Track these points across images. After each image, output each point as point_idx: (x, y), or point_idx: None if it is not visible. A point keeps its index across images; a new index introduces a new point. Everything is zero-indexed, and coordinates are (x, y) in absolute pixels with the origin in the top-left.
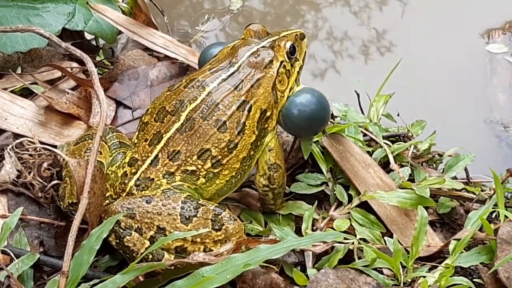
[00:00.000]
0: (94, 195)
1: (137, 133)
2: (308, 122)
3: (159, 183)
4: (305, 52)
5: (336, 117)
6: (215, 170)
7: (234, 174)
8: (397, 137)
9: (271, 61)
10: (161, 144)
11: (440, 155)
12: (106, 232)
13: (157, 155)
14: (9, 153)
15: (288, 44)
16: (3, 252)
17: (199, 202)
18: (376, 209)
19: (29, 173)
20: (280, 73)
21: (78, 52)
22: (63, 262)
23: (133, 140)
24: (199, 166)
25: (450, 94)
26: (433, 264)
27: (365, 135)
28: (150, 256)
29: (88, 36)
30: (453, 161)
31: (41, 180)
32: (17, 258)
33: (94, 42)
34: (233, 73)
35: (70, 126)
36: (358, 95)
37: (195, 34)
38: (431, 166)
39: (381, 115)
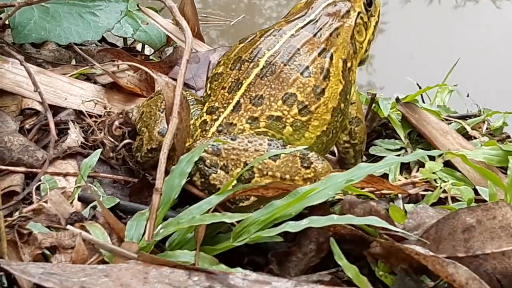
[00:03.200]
0: (181, 122)
1: (209, 85)
2: None
3: (242, 128)
4: (379, 11)
5: None
6: (303, 118)
7: (325, 128)
8: (468, 118)
9: (348, 11)
10: (242, 90)
11: (510, 137)
12: (197, 157)
13: (238, 101)
14: (73, 123)
15: None
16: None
17: (284, 141)
18: (460, 169)
19: (100, 132)
20: (358, 24)
21: None
22: (156, 180)
23: (205, 92)
24: (285, 112)
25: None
26: None
27: None
28: (238, 197)
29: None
30: None
31: (112, 140)
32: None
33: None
34: (310, 22)
35: (134, 103)
36: (419, 87)
37: None
38: None
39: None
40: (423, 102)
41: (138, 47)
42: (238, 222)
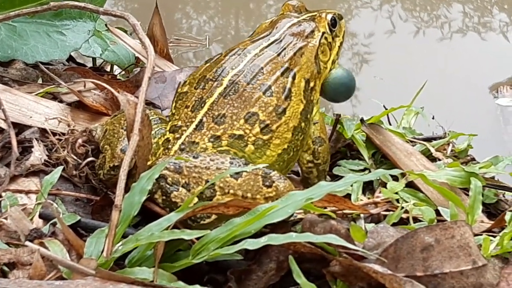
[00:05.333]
0: (143, 139)
1: (174, 104)
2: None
3: (204, 146)
4: (344, 31)
5: None
6: (265, 137)
7: (286, 147)
8: (433, 140)
9: (312, 31)
10: (205, 108)
11: (474, 159)
12: (157, 174)
13: (201, 119)
14: (37, 141)
15: (330, 16)
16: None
17: (247, 160)
18: (423, 190)
19: (63, 150)
20: (322, 44)
21: (119, 12)
22: (116, 197)
23: (170, 111)
24: (247, 131)
25: None
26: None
27: None
28: (198, 215)
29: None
30: (494, 161)
31: (75, 158)
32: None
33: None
34: (274, 41)
35: (99, 121)
36: (385, 108)
37: None
38: None
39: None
40: (390, 124)
41: (108, 68)
42: (197, 239)
